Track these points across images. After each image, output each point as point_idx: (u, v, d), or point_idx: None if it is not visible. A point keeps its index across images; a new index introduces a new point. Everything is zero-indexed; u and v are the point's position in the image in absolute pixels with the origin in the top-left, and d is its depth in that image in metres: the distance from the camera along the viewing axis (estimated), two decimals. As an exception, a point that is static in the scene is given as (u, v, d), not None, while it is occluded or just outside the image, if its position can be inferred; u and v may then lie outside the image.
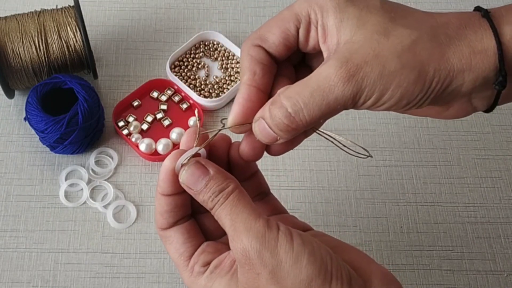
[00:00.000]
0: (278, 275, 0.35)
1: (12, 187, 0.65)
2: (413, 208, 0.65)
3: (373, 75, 0.35)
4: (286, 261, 0.35)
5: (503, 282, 0.61)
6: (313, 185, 0.66)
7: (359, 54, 0.36)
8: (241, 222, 0.36)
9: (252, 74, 0.39)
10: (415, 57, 0.36)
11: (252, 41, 0.40)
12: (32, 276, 0.60)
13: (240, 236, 0.36)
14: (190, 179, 0.38)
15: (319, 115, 0.37)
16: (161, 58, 0.74)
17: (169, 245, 0.40)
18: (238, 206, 0.37)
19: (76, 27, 0.65)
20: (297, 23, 0.39)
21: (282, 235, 0.35)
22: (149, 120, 0.69)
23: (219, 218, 0.37)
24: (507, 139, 0.70)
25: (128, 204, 0.64)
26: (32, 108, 0.63)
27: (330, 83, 0.35)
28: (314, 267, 0.34)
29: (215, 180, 0.38)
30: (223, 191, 0.37)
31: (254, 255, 0.35)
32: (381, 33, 0.36)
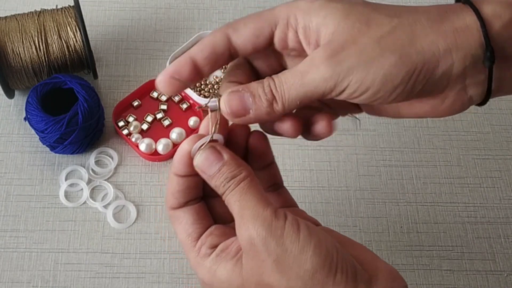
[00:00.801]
0: (282, 264, 0.35)
1: (12, 187, 0.65)
2: (413, 208, 0.65)
3: (350, 61, 0.36)
4: (292, 250, 0.35)
5: (503, 282, 0.61)
6: (313, 185, 0.66)
7: (338, 41, 0.36)
8: (249, 209, 0.36)
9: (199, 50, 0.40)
10: (396, 41, 0.36)
11: (224, 27, 0.40)
12: (32, 276, 0.60)
13: (246, 223, 0.36)
14: (204, 163, 0.38)
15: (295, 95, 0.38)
16: (161, 58, 0.74)
17: (178, 225, 0.40)
18: (248, 194, 0.37)
19: (76, 27, 0.65)
20: (273, 26, 0.39)
21: (289, 224, 0.35)
22: (149, 120, 0.69)
23: (229, 204, 0.38)
24: (507, 139, 0.70)
25: (128, 204, 0.64)
26: (32, 108, 0.63)
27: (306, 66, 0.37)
28: (319, 259, 0.35)
29: (228, 166, 0.38)
30: (235, 178, 0.38)
31: (259, 243, 0.35)
32: (362, 22, 0.36)
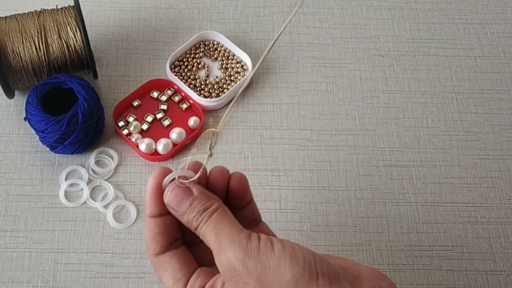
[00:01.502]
0: (264, 281, 0.35)
1: (12, 187, 0.65)
2: (413, 208, 0.65)
3: None
4: (270, 266, 0.35)
5: (503, 282, 0.61)
6: (313, 185, 0.66)
7: None
8: (225, 237, 0.37)
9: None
10: None
11: None
12: (32, 276, 0.60)
13: (224, 249, 0.37)
14: (174, 200, 0.39)
15: None
16: (161, 58, 0.74)
17: (164, 272, 0.41)
18: (222, 222, 0.38)
19: (76, 27, 0.65)
20: None
21: (263, 243, 0.36)
22: (149, 120, 0.69)
23: (204, 236, 0.38)
24: (507, 139, 0.70)
25: (128, 204, 0.64)
26: (32, 108, 0.63)
27: None
28: (298, 267, 0.35)
29: (199, 200, 0.39)
30: (207, 210, 0.38)
31: (239, 266, 0.36)
32: None
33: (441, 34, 0.78)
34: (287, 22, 0.43)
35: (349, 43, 0.77)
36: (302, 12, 0.79)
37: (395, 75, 0.74)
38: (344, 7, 0.80)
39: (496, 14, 0.80)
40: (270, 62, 0.74)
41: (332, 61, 0.75)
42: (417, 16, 0.79)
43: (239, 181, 0.43)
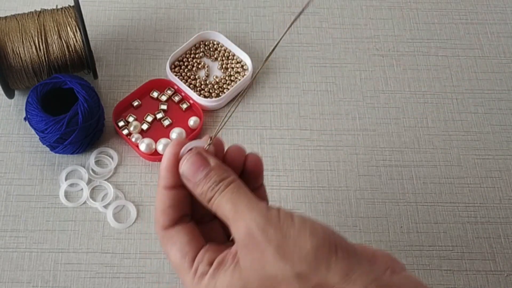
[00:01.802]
0: (284, 249, 0.35)
1: (12, 187, 0.65)
2: (413, 208, 0.65)
3: None
4: (290, 235, 0.35)
5: (503, 282, 0.61)
6: (313, 185, 0.66)
7: None
8: (243, 205, 0.36)
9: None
10: None
11: None
12: (32, 276, 0.60)
13: (243, 216, 0.36)
14: (190, 168, 0.38)
15: None
16: (161, 58, 0.74)
17: (172, 246, 0.39)
18: (240, 193, 0.37)
19: (76, 27, 0.65)
20: None
21: (283, 213, 0.36)
22: (149, 120, 0.69)
23: (219, 206, 0.37)
24: (507, 139, 0.70)
25: (128, 204, 0.64)
26: (32, 108, 0.63)
27: None
28: (318, 238, 0.35)
29: (216, 170, 0.38)
30: (223, 180, 0.38)
31: (258, 232, 0.35)
32: None
33: (441, 34, 0.78)
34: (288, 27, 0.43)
35: (349, 43, 0.77)
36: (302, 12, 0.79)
37: (395, 75, 0.74)
38: (344, 7, 0.80)
39: (496, 14, 0.80)
40: (270, 62, 0.74)
41: (332, 61, 0.75)
42: (417, 16, 0.79)
43: (255, 162, 0.43)
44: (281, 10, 0.79)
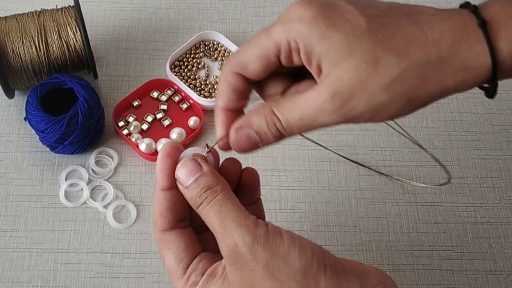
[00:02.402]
0: (272, 269, 0.35)
1: (12, 187, 0.65)
2: (413, 208, 0.65)
3: (360, 109, 0.36)
4: (279, 254, 0.35)
5: (503, 282, 0.61)
6: (313, 185, 0.66)
7: (347, 86, 0.36)
8: (231, 220, 0.36)
9: (227, 100, 0.41)
10: (404, 85, 0.35)
11: (232, 68, 0.40)
12: (32, 276, 0.60)
13: (230, 233, 0.36)
14: (183, 173, 0.38)
15: (305, 131, 0.39)
16: (161, 58, 0.74)
17: (168, 250, 0.40)
18: (228, 205, 0.37)
19: (76, 27, 0.65)
20: (277, 52, 0.38)
21: (271, 231, 0.36)
22: (149, 120, 0.69)
23: (207, 217, 0.37)
24: (507, 139, 0.70)
25: (128, 204, 0.64)
26: (32, 108, 0.63)
27: (317, 112, 0.37)
28: (306, 257, 0.35)
29: (205, 176, 0.38)
30: (211, 188, 0.38)
31: (246, 251, 0.35)
32: (369, 62, 0.35)
33: (441, 34, 0.78)
34: None
35: (349, 43, 0.77)
36: (302, 12, 0.79)
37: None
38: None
39: (496, 14, 0.80)
40: (270, 62, 0.74)
41: (332, 61, 0.75)
42: (417, 16, 0.79)
43: (251, 176, 0.43)
44: (281, 10, 0.79)
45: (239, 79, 0.40)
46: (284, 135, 0.39)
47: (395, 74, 0.35)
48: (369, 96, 0.36)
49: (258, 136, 0.39)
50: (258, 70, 0.39)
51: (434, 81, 0.36)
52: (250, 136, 0.39)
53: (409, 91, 0.36)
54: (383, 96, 0.35)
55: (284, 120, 0.38)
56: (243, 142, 0.40)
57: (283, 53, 0.38)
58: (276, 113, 0.38)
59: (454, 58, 0.35)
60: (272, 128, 0.39)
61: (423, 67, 0.35)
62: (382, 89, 0.35)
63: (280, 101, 0.39)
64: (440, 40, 0.36)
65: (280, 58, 0.39)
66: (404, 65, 0.35)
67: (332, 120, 0.37)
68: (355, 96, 0.36)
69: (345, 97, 0.36)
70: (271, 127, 0.39)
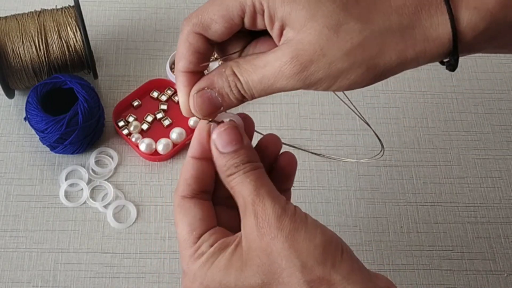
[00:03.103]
0: (293, 238, 0.36)
1: (12, 187, 0.65)
2: (413, 208, 0.65)
3: (318, 74, 0.35)
4: (302, 229, 0.36)
5: (503, 282, 0.61)
6: (313, 185, 0.66)
7: (306, 51, 0.35)
8: (266, 191, 0.37)
9: (187, 62, 0.39)
10: (364, 52, 0.35)
11: (193, 27, 0.39)
12: (32, 276, 0.60)
13: (263, 200, 0.36)
14: (223, 138, 0.38)
15: (266, 94, 0.38)
16: (161, 58, 0.74)
17: (184, 217, 0.39)
18: (264, 178, 0.38)
19: (76, 27, 0.65)
20: (241, 13, 0.38)
21: (299, 210, 0.37)
22: (149, 120, 0.69)
23: (239, 184, 0.37)
24: (507, 139, 0.70)
25: (128, 204, 0.64)
26: (32, 108, 0.63)
27: (275, 75, 0.36)
28: (326, 237, 0.36)
29: (247, 151, 0.38)
30: (250, 163, 0.38)
31: (273, 219, 0.36)
32: (331, 28, 0.35)
33: (441, 34, 0.78)
34: None
35: (349, 43, 0.77)
36: (302, 12, 0.79)
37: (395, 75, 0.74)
38: None
39: (496, 14, 0.80)
40: (270, 62, 0.74)
41: (332, 61, 0.75)
42: (417, 16, 0.79)
43: (289, 160, 0.42)
44: (281, 10, 0.79)
45: (200, 39, 0.39)
46: (245, 97, 0.38)
47: (356, 41, 0.35)
48: (329, 61, 0.35)
49: (220, 98, 0.38)
50: (221, 31, 0.38)
51: (394, 50, 0.35)
52: (212, 98, 0.38)
53: (368, 58, 0.35)
54: (343, 63, 0.35)
55: (245, 82, 0.37)
56: (205, 105, 0.38)
57: (247, 14, 0.38)
58: (237, 74, 0.38)
59: (415, 27, 0.35)
60: (234, 90, 0.38)
61: (384, 35, 0.35)
62: (342, 55, 0.35)
63: (240, 62, 0.38)
64: (403, 8, 0.35)
65: (244, 20, 0.38)
66: (366, 33, 0.35)
67: (291, 84, 0.36)
68: (315, 61, 0.35)
69: (304, 62, 0.35)
70: (233, 89, 0.38)
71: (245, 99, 0.39)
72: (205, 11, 0.38)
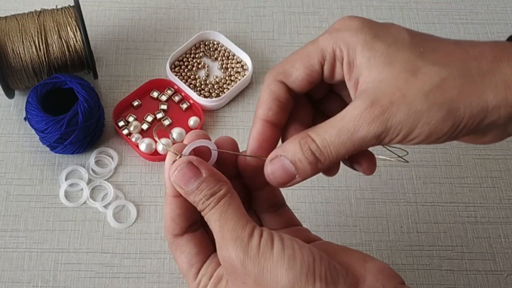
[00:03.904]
0: (262, 283, 0.35)
1: (12, 187, 0.65)
2: (413, 208, 0.65)
3: (399, 115, 0.35)
4: (267, 268, 0.35)
5: (503, 282, 0.61)
6: (313, 185, 0.66)
7: (385, 94, 0.35)
8: (229, 231, 0.36)
9: (267, 109, 0.39)
10: (444, 95, 0.35)
11: (275, 76, 0.40)
12: (32, 276, 0.60)
13: (226, 245, 0.36)
14: (181, 179, 0.38)
15: (344, 152, 0.37)
16: (161, 58, 0.74)
17: (180, 254, 0.40)
18: (227, 213, 0.37)
19: (76, 27, 0.65)
20: (321, 59, 0.38)
21: (264, 242, 0.36)
22: (149, 120, 0.69)
23: (209, 222, 0.38)
24: (507, 139, 0.70)
25: (128, 204, 0.64)
26: (32, 108, 0.63)
27: (356, 123, 0.36)
28: (294, 271, 0.35)
29: (207, 183, 0.37)
30: (214, 195, 0.37)
31: (238, 265, 0.36)
32: (409, 71, 0.35)
33: (441, 34, 0.78)
34: None
35: (349, 43, 0.77)
36: (302, 12, 0.79)
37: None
38: (344, 7, 0.80)
39: (496, 14, 0.80)
40: (270, 62, 0.74)
41: (332, 61, 0.75)
42: (417, 16, 0.79)
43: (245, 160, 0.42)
44: (281, 10, 0.79)
45: (281, 87, 0.39)
46: (321, 160, 0.37)
47: (434, 82, 0.35)
48: (409, 102, 0.35)
49: (293, 165, 0.37)
50: (301, 77, 0.39)
51: (475, 93, 0.35)
52: (285, 166, 0.37)
53: (448, 101, 0.35)
54: (423, 103, 0.35)
55: (320, 140, 0.36)
56: (279, 174, 0.38)
57: (327, 61, 0.38)
58: (312, 135, 0.37)
59: (495, 73, 0.35)
60: (307, 153, 0.37)
61: (463, 77, 0.35)
62: (422, 96, 0.35)
63: (316, 125, 0.37)
64: (481, 57, 0.35)
65: (323, 68, 0.38)
66: (444, 74, 0.35)
67: (373, 130, 0.35)
68: (394, 103, 0.35)
69: (385, 104, 0.35)
70: (306, 152, 0.37)
71: (321, 164, 0.37)
72: (288, 60, 0.39)
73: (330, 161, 0.37)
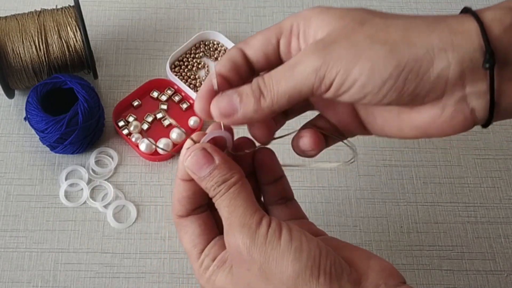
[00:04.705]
0: (266, 271, 0.36)
1: (12, 187, 0.65)
2: (413, 208, 0.65)
3: (340, 50, 0.35)
4: (273, 257, 0.35)
5: (503, 282, 0.61)
6: (313, 185, 0.66)
7: (332, 37, 0.36)
8: (237, 217, 0.37)
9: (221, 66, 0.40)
10: (388, 35, 0.35)
11: (237, 44, 0.41)
12: (32, 276, 0.60)
13: (233, 231, 0.37)
14: (195, 165, 0.38)
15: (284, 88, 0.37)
16: (161, 58, 0.74)
17: (184, 234, 0.41)
18: (237, 199, 0.38)
19: (76, 27, 0.65)
20: (278, 34, 0.40)
21: (271, 231, 0.36)
22: (149, 120, 0.69)
23: (219, 208, 0.38)
24: (507, 139, 0.70)
25: (128, 204, 0.64)
26: (32, 108, 0.63)
27: (297, 58, 0.37)
28: (300, 263, 0.35)
29: (219, 169, 0.38)
30: (225, 182, 0.38)
31: (244, 251, 0.36)
32: (357, 22, 0.37)
33: (441, 34, 0.78)
34: None
35: (349, 43, 0.77)
36: (302, 12, 0.79)
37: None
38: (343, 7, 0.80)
39: (496, 14, 0.80)
40: (270, 62, 0.74)
41: (332, 61, 0.75)
42: (417, 16, 0.79)
43: (265, 156, 0.43)
44: (281, 10, 0.79)
45: (238, 52, 0.40)
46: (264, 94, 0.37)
47: (379, 28, 0.36)
48: (351, 42, 0.36)
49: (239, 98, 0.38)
50: (257, 47, 0.40)
51: (419, 37, 0.35)
52: (231, 99, 0.38)
53: (391, 41, 0.35)
54: (365, 42, 0.35)
55: (267, 76, 0.38)
56: (223, 104, 0.38)
57: (283, 35, 0.39)
58: (262, 74, 0.39)
59: (440, 22, 0.36)
60: (254, 86, 0.38)
61: (407, 24, 0.36)
62: (365, 37, 0.36)
63: None
64: (427, 16, 0.37)
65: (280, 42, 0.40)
66: (389, 23, 0.36)
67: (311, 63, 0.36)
68: (337, 42, 0.36)
69: (327, 42, 0.36)
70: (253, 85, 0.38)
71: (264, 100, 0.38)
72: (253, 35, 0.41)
73: (272, 97, 0.37)
